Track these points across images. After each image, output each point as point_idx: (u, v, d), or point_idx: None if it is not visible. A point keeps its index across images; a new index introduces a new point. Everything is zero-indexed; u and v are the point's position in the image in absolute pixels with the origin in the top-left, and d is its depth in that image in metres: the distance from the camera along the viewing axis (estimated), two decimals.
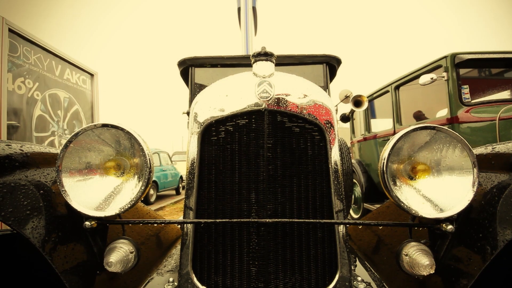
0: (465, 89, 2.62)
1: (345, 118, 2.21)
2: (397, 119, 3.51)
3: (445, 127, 0.76)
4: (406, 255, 0.77)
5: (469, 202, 0.72)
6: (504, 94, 3.14)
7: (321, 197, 0.89)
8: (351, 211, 4.46)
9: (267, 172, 0.83)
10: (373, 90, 4.14)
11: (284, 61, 2.00)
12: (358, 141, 4.64)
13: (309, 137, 0.89)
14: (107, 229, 0.89)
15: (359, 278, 0.93)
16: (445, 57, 2.71)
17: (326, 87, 2.07)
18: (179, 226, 1.53)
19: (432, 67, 2.88)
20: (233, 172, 0.87)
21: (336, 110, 2.15)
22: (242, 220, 0.79)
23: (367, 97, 4.22)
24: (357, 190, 4.27)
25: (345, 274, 0.88)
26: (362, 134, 4.47)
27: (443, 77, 2.68)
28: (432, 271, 0.73)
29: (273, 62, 0.91)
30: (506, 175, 0.76)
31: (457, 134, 0.75)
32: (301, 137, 0.88)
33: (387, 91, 3.70)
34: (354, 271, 1.02)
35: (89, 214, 0.76)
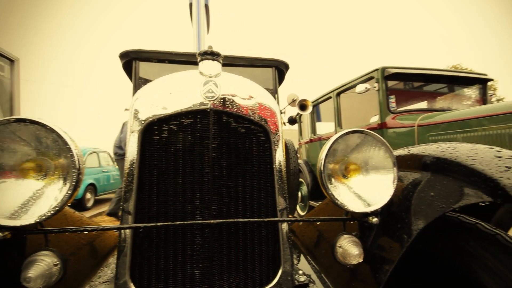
0: (392, 99, 3.02)
1: (292, 121, 2.33)
2: (338, 123, 3.84)
3: (374, 131, 0.86)
4: (340, 247, 0.84)
5: (390, 197, 0.83)
6: (423, 104, 3.71)
7: (265, 196, 0.92)
8: (298, 208, 4.70)
9: (212, 172, 0.82)
10: (318, 95, 4.45)
11: (234, 62, 2.01)
12: (305, 143, 4.92)
13: (254, 138, 0.91)
14: (25, 240, 0.77)
15: (300, 272, 0.98)
16: (376, 70, 3.08)
17: (275, 91, 2.14)
18: (117, 232, 1.41)
19: (367, 78, 3.23)
20: (177, 173, 0.83)
21: (284, 113, 2.25)
22: (185, 222, 0.76)
23: (312, 102, 4.52)
24: (304, 189, 4.52)
25: (288, 269, 0.92)
26: (309, 136, 4.77)
27: (375, 87, 3.03)
28: (361, 260, 0.81)
29: (220, 62, 0.90)
30: (418, 174, 0.90)
31: (381, 137, 0.85)
32: (246, 138, 0.90)
33: (330, 97, 4.02)
34: (297, 265, 1.08)
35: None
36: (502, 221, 1.52)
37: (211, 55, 0.88)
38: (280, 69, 2.17)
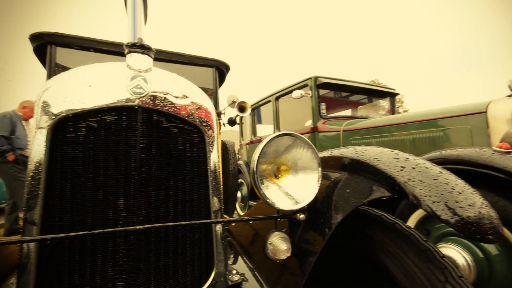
0: (323, 106, 3.34)
1: (232, 122, 2.34)
2: (277, 125, 4.04)
3: (308, 135, 0.93)
4: (270, 243, 0.88)
5: (315, 195, 0.91)
6: (348, 112, 4.20)
7: (198, 198, 0.90)
8: (238, 209, 4.74)
9: (140, 174, 0.76)
10: (259, 98, 4.60)
11: (172, 58, 1.92)
12: (246, 144, 5.02)
13: (188, 138, 0.88)
14: None
15: (234, 271, 0.99)
16: (310, 78, 3.35)
17: (215, 91, 2.13)
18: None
19: (302, 85, 3.49)
20: (97, 176, 0.75)
21: (224, 114, 2.25)
22: (105, 230, 0.69)
23: (253, 105, 4.65)
24: (244, 189, 4.59)
25: (221, 270, 0.92)
26: (250, 138, 4.87)
27: (309, 94, 3.30)
28: (289, 254, 0.87)
29: (151, 57, 0.85)
30: (338, 173, 1.00)
31: (308, 140, 0.93)
32: (179, 138, 0.86)
33: (270, 101, 4.20)
34: (233, 265, 1.08)
35: None
36: (403, 213, 1.84)
37: (141, 48, 0.81)
38: (221, 69, 2.17)
